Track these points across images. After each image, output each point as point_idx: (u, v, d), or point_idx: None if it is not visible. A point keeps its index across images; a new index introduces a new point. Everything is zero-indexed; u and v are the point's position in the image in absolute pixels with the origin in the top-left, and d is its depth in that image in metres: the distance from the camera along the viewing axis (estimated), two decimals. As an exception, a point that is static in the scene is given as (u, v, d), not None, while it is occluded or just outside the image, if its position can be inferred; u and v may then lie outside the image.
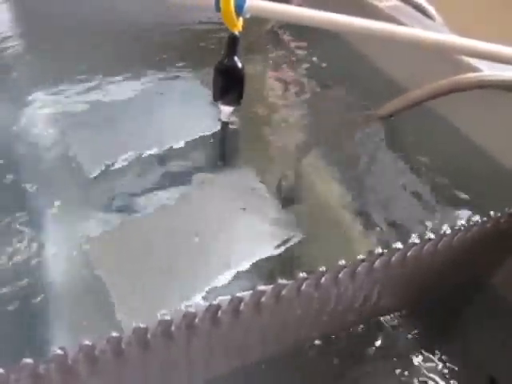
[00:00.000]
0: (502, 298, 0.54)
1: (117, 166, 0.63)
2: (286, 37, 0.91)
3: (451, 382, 0.47)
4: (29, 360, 0.33)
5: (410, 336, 0.50)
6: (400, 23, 0.67)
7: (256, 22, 0.89)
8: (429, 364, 0.48)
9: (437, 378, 0.47)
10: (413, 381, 0.47)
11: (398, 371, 0.48)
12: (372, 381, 0.47)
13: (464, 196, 0.62)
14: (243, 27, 0.56)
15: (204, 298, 0.49)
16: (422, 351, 0.49)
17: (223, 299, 0.38)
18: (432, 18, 0.79)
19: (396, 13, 0.77)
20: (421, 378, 0.47)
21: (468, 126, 0.68)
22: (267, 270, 0.53)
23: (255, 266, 0.53)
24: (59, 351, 0.34)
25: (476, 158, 0.67)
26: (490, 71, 0.63)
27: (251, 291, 0.39)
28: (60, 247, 0.54)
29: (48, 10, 0.87)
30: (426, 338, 0.50)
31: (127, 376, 0.38)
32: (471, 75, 0.62)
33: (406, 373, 0.47)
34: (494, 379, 0.48)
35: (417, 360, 0.48)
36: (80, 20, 0.86)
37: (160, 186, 0.62)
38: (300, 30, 0.90)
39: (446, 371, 0.48)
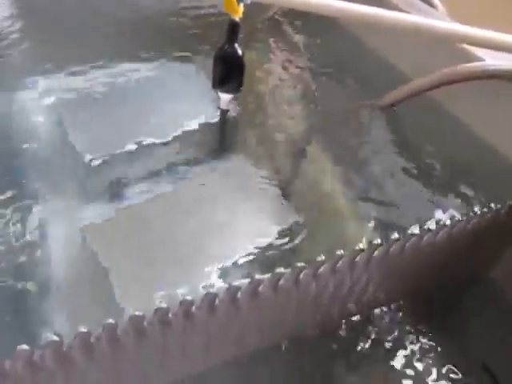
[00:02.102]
0: (501, 291, 0.54)
1: (116, 153, 0.63)
2: (287, 24, 0.90)
3: (449, 374, 0.47)
4: (24, 346, 0.33)
5: (407, 327, 0.50)
6: (402, 11, 0.66)
7: (257, 8, 0.88)
8: (425, 355, 0.48)
9: (434, 370, 0.47)
10: (410, 372, 0.47)
11: (395, 362, 0.48)
12: (369, 371, 0.47)
13: (465, 187, 0.62)
14: (244, 14, 0.56)
15: (202, 287, 0.49)
16: (420, 342, 0.49)
17: (220, 287, 0.38)
18: (435, 7, 0.78)
19: (398, 1, 0.76)
20: (418, 369, 0.47)
21: (470, 117, 0.68)
22: (265, 258, 0.53)
23: (253, 254, 0.53)
24: (54, 338, 0.33)
25: (478, 149, 0.67)
26: (493, 61, 0.62)
27: (249, 280, 0.39)
28: (58, 235, 0.53)
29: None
30: (424, 329, 0.50)
31: (123, 363, 0.38)
32: (474, 65, 0.62)
33: (404, 364, 0.48)
34: (488, 368, 0.48)
35: (414, 351, 0.49)
36: (79, 5, 0.85)
37: (159, 174, 0.61)
38: (301, 17, 0.89)
39: (443, 363, 0.48)
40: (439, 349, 0.49)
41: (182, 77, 0.76)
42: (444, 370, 0.47)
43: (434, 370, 0.47)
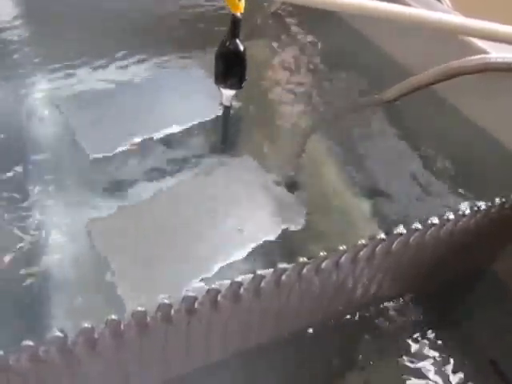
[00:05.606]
0: (504, 285, 0.53)
1: (119, 150, 0.63)
2: (290, 19, 0.90)
3: (452, 366, 0.47)
4: (29, 342, 0.33)
5: (411, 322, 0.50)
6: (406, 4, 0.65)
7: (260, 4, 0.88)
8: (430, 349, 0.48)
9: (438, 363, 0.47)
10: (413, 366, 0.47)
11: (398, 357, 0.48)
12: (372, 366, 0.47)
13: (468, 181, 0.62)
14: (247, 10, 0.55)
15: (204, 283, 0.49)
16: (424, 337, 0.49)
17: (223, 283, 0.38)
18: (439, 0, 0.77)
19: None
20: (421, 364, 0.47)
21: (474, 111, 0.67)
22: (268, 255, 0.53)
23: (256, 251, 0.53)
24: (59, 333, 0.34)
25: (481, 142, 0.66)
26: (496, 54, 0.61)
27: (251, 275, 0.39)
28: (61, 230, 0.54)
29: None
30: (428, 323, 0.50)
31: (126, 359, 0.38)
32: (477, 58, 0.61)
33: (407, 358, 0.47)
34: (496, 362, 0.47)
35: (418, 346, 0.48)
36: (81, 3, 0.86)
37: (162, 171, 0.62)
38: (304, 12, 0.88)
39: (447, 357, 0.48)
40: (443, 343, 0.49)
41: (184, 74, 0.76)
42: (449, 365, 0.47)
43: (438, 365, 0.47)
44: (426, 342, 0.49)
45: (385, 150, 0.67)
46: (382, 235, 0.43)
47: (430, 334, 0.49)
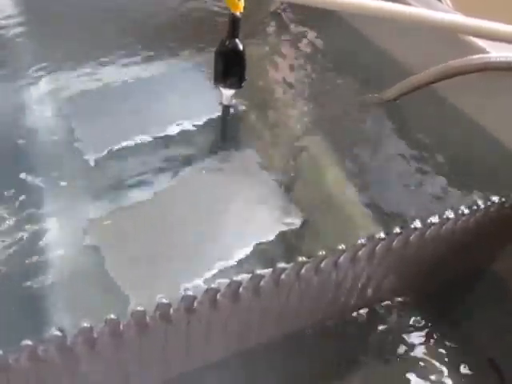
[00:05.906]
0: (504, 285, 0.53)
1: (119, 149, 0.63)
2: (290, 19, 0.90)
3: (452, 366, 0.47)
4: (28, 341, 0.33)
5: (411, 321, 0.50)
6: (406, 4, 0.65)
7: (260, 3, 0.88)
8: (430, 349, 0.48)
9: (438, 363, 0.47)
10: (414, 365, 0.47)
11: (398, 356, 0.47)
12: (372, 365, 0.47)
13: (468, 180, 0.62)
14: (247, 9, 0.55)
15: (203, 282, 0.49)
16: (424, 336, 0.49)
17: (222, 282, 0.38)
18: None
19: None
20: (422, 363, 0.47)
21: (474, 109, 0.67)
22: (267, 254, 0.53)
23: (255, 250, 0.53)
24: (58, 333, 0.34)
25: (482, 142, 0.66)
26: (496, 53, 0.61)
27: (250, 275, 0.39)
28: (61, 230, 0.54)
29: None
30: (428, 323, 0.50)
31: (126, 359, 0.38)
32: (477, 57, 0.61)
33: (407, 358, 0.47)
34: (492, 359, 0.48)
35: (417, 345, 0.48)
36: (81, 3, 0.86)
37: (162, 171, 0.62)
38: (304, 12, 0.88)
39: (447, 356, 0.48)
40: (443, 343, 0.49)
41: (184, 74, 0.76)
42: (448, 365, 0.47)
43: (438, 365, 0.47)
44: (425, 341, 0.49)
45: (385, 150, 0.67)
46: (382, 234, 0.43)
47: (430, 334, 0.49)
